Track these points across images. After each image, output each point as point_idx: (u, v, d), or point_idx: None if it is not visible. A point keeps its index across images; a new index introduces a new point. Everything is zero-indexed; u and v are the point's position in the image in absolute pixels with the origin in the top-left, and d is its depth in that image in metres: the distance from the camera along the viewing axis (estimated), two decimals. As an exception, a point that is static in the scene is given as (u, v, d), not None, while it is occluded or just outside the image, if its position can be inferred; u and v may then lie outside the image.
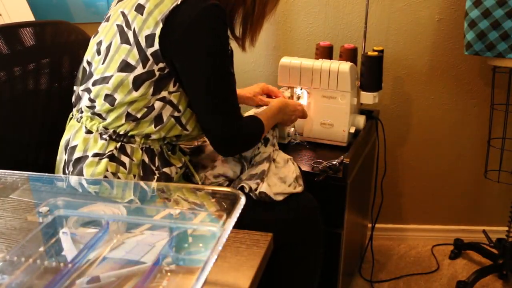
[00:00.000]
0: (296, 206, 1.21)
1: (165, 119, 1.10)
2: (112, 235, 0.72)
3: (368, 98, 1.59)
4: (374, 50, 1.58)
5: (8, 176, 0.85)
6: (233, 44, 1.20)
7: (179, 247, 0.69)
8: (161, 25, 1.04)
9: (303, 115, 1.49)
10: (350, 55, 1.62)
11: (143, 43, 1.05)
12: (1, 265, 0.65)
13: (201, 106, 1.11)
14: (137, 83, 1.06)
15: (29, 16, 1.70)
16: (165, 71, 1.06)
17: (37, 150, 1.27)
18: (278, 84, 1.61)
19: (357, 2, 1.82)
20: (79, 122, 1.15)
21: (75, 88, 1.19)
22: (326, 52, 1.67)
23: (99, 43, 1.13)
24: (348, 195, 1.39)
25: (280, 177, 1.22)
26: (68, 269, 0.64)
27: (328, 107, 1.54)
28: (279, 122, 1.38)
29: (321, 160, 1.44)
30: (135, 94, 1.06)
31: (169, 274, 0.64)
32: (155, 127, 1.10)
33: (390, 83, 1.90)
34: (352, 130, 1.55)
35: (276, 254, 1.16)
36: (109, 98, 1.08)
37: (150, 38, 1.04)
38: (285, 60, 1.56)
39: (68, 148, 1.14)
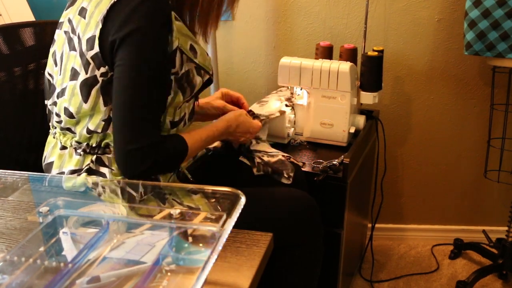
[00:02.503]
0: (295, 207, 1.21)
1: None
2: (112, 235, 0.72)
3: (368, 98, 1.59)
4: (374, 50, 1.58)
5: (8, 176, 0.85)
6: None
7: (179, 247, 0.69)
8: (100, 26, 0.97)
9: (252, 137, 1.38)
10: (350, 55, 1.62)
11: (84, 47, 1.00)
12: (1, 265, 0.65)
13: (117, 109, 0.99)
14: (84, 91, 1.00)
15: (29, 16, 1.70)
16: (108, 76, 0.99)
17: (37, 150, 1.27)
18: (278, 84, 1.61)
19: (357, 2, 1.82)
20: (54, 138, 1.12)
21: (46, 102, 1.14)
22: (326, 52, 1.67)
23: (54, 54, 1.09)
24: (348, 195, 1.39)
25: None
26: (68, 269, 0.64)
27: (328, 107, 1.54)
28: (218, 140, 1.29)
29: (321, 160, 1.44)
30: (86, 107, 1.01)
31: (169, 274, 0.64)
32: None
33: (390, 83, 1.90)
34: (352, 130, 1.55)
35: (276, 254, 1.17)
36: (67, 111, 1.04)
37: (90, 41, 0.99)
38: (285, 60, 1.56)
39: (44, 164, 1.11)
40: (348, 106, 1.52)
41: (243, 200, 0.71)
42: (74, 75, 1.02)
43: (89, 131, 1.03)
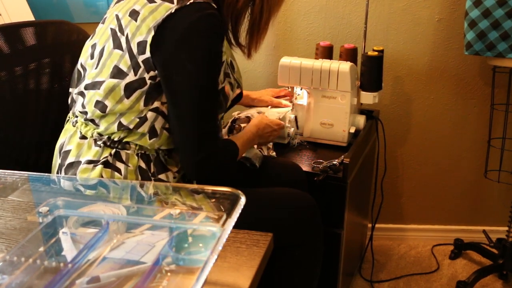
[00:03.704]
0: (296, 207, 1.21)
1: (158, 131, 1.08)
2: (112, 235, 0.72)
3: (368, 98, 1.59)
4: (374, 50, 1.58)
5: (8, 176, 0.85)
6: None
7: (179, 247, 0.69)
8: (152, 33, 1.01)
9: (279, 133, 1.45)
10: (350, 55, 1.62)
11: (135, 49, 1.03)
12: (1, 265, 0.65)
13: (178, 122, 1.06)
14: (129, 90, 1.04)
15: (29, 16, 1.70)
16: (156, 80, 1.04)
17: (37, 150, 1.27)
18: (278, 84, 1.61)
19: (357, 2, 1.82)
20: (74, 126, 1.14)
21: (70, 90, 1.18)
22: (326, 52, 1.67)
23: (93, 46, 1.11)
24: (348, 195, 1.39)
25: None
26: (68, 269, 0.64)
27: (328, 107, 1.54)
28: (254, 144, 1.35)
29: (321, 160, 1.44)
30: (126, 102, 1.04)
31: (169, 274, 0.64)
32: (149, 139, 1.08)
33: (390, 83, 1.90)
34: (352, 130, 1.55)
35: (276, 254, 1.17)
36: (99, 104, 1.06)
37: (142, 45, 1.02)
38: (285, 60, 1.56)
39: (62, 152, 1.13)
40: (348, 106, 1.52)
41: (243, 200, 0.71)
42: (119, 73, 1.04)
43: (120, 126, 1.06)
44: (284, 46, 1.94)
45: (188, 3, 1.00)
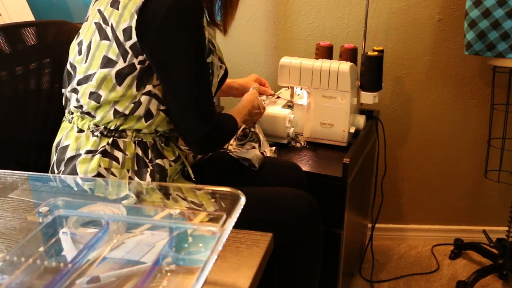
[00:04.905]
0: (296, 207, 1.21)
1: (154, 113, 1.10)
2: (112, 235, 0.72)
3: (368, 98, 1.59)
4: (374, 50, 1.58)
5: (8, 176, 0.85)
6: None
7: (179, 247, 0.69)
8: (135, 17, 1.02)
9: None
10: (350, 55, 1.62)
11: (121, 37, 1.04)
12: (1, 265, 0.65)
13: (177, 100, 1.08)
14: (120, 78, 1.05)
15: (29, 16, 1.70)
16: (146, 64, 1.05)
17: (38, 150, 1.27)
18: (278, 84, 1.61)
19: (357, 2, 1.82)
20: (70, 123, 1.15)
21: (63, 91, 1.19)
22: (326, 52, 1.67)
23: (80, 43, 1.13)
24: (348, 195, 1.39)
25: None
26: (68, 269, 0.64)
27: (328, 107, 1.54)
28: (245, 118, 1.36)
29: (321, 161, 1.44)
30: (119, 90, 1.06)
31: (169, 274, 0.64)
32: (145, 121, 1.10)
33: (390, 83, 1.90)
34: (352, 130, 1.55)
35: (276, 254, 1.17)
36: (94, 95, 1.08)
37: (127, 31, 1.03)
38: (285, 60, 1.56)
39: (59, 148, 1.13)
40: (348, 106, 1.52)
41: (243, 200, 0.71)
42: (108, 63, 1.05)
43: (116, 113, 1.07)
44: (284, 46, 1.94)
45: None
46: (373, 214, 1.96)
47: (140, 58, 1.04)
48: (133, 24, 1.02)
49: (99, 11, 1.09)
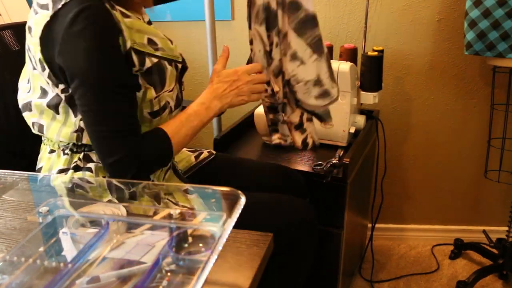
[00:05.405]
0: (293, 215, 1.17)
1: None
2: (112, 235, 0.72)
3: (368, 98, 1.59)
4: (374, 50, 1.58)
5: (8, 176, 0.85)
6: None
7: (179, 247, 0.69)
8: (39, 48, 0.95)
9: (261, 79, 1.21)
10: (350, 55, 1.62)
11: (39, 68, 0.98)
12: (1, 265, 0.65)
13: (87, 132, 0.99)
14: (52, 108, 1.01)
15: (29, 16, 1.70)
16: (69, 92, 0.97)
17: (28, 157, 1.27)
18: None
19: (357, 2, 1.82)
20: (45, 144, 1.12)
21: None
22: (326, 52, 1.67)
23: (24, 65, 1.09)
24: (348, 195, 1.39)
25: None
26: (68, 269, 0.64)
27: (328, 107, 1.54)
28: (221, 110, 1.14)
29: (320, 162, 1.44)
30: (60, 118, 1.02)
31: (169, 274, 0.64)
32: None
33: (390, 83, 1.90)
34: (352, 130, 1.55)
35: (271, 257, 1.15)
36: (36, 125, 1.05)
37: (40, 62, 0.97)
38: (285, 60, 1.56)
39: (36, 170, 1.12)
40: (348, 106, 1.52)
41: (243, 200, 0.71)
42: (44, 93, 1.01)
43: (71, 133, 1.02)
44: (284, 46, 1.93)
45: (60, 5, 0.92)
46: (373, 214, 1.96)
47: (61, 86, 0.97)
48: (40, 56, 0.96)
49: (26, 37, 1.01)
